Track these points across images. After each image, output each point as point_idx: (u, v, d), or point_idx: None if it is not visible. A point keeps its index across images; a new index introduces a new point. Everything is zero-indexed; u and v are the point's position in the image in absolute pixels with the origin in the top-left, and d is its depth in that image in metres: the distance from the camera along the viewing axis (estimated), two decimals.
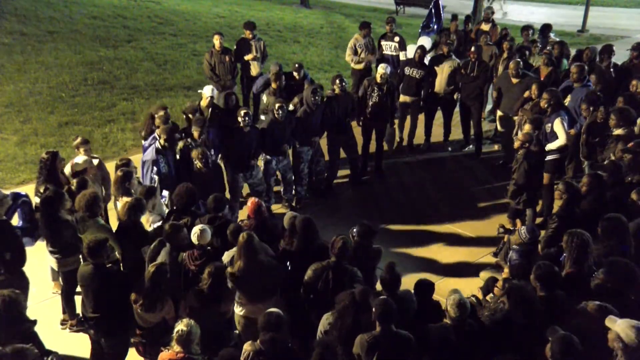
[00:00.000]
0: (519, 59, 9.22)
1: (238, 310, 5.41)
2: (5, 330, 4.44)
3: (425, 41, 11.58)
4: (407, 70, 9.80)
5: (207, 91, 8.39)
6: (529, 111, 8.39)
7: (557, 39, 11.22)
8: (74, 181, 6.39)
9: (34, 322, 4.70)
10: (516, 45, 10.79)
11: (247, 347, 4.48)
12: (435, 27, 12.14)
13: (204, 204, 6.47)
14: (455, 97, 9.98)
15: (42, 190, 6.21)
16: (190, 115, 7.94)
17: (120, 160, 6.73)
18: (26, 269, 5.80)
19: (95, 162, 6.92)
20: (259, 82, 9.43)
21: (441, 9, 12.47)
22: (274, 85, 8.81)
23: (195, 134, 7.38)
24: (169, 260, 5.31)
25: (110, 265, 5.35)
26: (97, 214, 5.91)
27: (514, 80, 8.99)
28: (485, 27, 11.86)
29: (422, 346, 4.51)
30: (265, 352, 4.36)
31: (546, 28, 11.42)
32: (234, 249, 5.48)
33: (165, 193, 6.88)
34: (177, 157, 7.23)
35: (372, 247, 5.75)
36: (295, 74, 9.24)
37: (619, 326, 4.08)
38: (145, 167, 6.97)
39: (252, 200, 6.09)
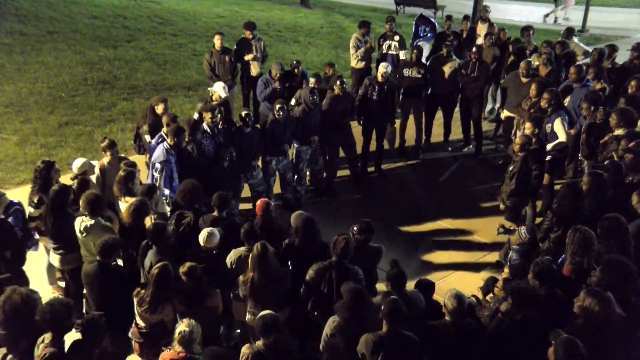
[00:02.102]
0: (529, 59, 9.18)
1: (249, 319, 5.39)
2: (19, 327, 4.45)
3: (424, 47, 11.54)
4: (406, 72, 9.78)
5: (218, 89, 8.42)
6: (527, 110, 8.38)
7: (581, 44, 11.18)
8: (75, 182, 6.38)
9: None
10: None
11: (245, 350, 4.47)
12: (429, 34, 12.14)
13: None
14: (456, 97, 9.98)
15: (35, 201, 6.19)
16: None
17: (125, 164, 6.71)
18: (28, 269, 5.81)
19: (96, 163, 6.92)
20: (266, 91, 9.09)
21: (431, 18, 12.53)
22: (312, 84, 8.68)
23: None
24: (155, 261, 5.24)
25: (114, 263, 5.35)
26: (98, 215, 5.87)
27: (524, 80, 8.91)
28: (482, 26, 11.81)
29: (423, 345, 4.51)
30: (265, 354, 4.35)
31: (569, 31, 11.26)
32: (242, 248, 5.50)
33: (166, 192, 6.88)
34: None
35: (371, 245, 5.75)
36: (295, 71, 9.23)
37: None
38: (159, 169, 6.85)
39: (261, 199, 6.12)
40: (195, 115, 7.84)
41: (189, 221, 5.89)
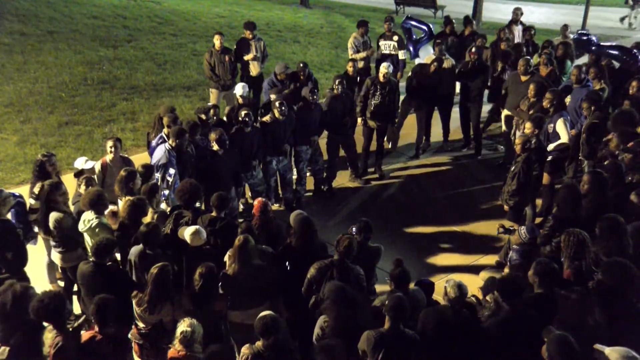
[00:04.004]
0: (528, 57, 9.16)
1: (230, 317, 5.36)
2: (12, 322, 4.45)
3: (427, 50, 11.52)
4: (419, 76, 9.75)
5: (239, 91, 8.47)
6: (525, 111, 8.36)
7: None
8: (82, 179, 6.40)
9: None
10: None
11: (245, 350, 4.46)
12: (424, 36, 12.10)
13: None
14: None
15: (36, 192, 6.21)
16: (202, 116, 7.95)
17: (143, 167, 6.69)
18: (28, 267, 5.81)
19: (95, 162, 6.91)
20: (273, 97, 8.87)
21: (423, 24, 12.51)
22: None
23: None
24: (139, 259, 5.23)
25: (110, 263, 5.34)
26: (101, 212, 5.87)
27: (523, 78, 8.87)
28: (516, 28, 11.74)
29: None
30: (265, 355, 4.34)
31: (565, 28, 11.22)
32: None
33: (166, 192, 6.88)
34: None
35: (370, 245, 5.74)
36: (300, 74, 9.22)
37: (610, 355, 4.00)
38: (161, 171, 6.87)
39: (258, 199, 6.12)
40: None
41: (187, 221, 5.88)
